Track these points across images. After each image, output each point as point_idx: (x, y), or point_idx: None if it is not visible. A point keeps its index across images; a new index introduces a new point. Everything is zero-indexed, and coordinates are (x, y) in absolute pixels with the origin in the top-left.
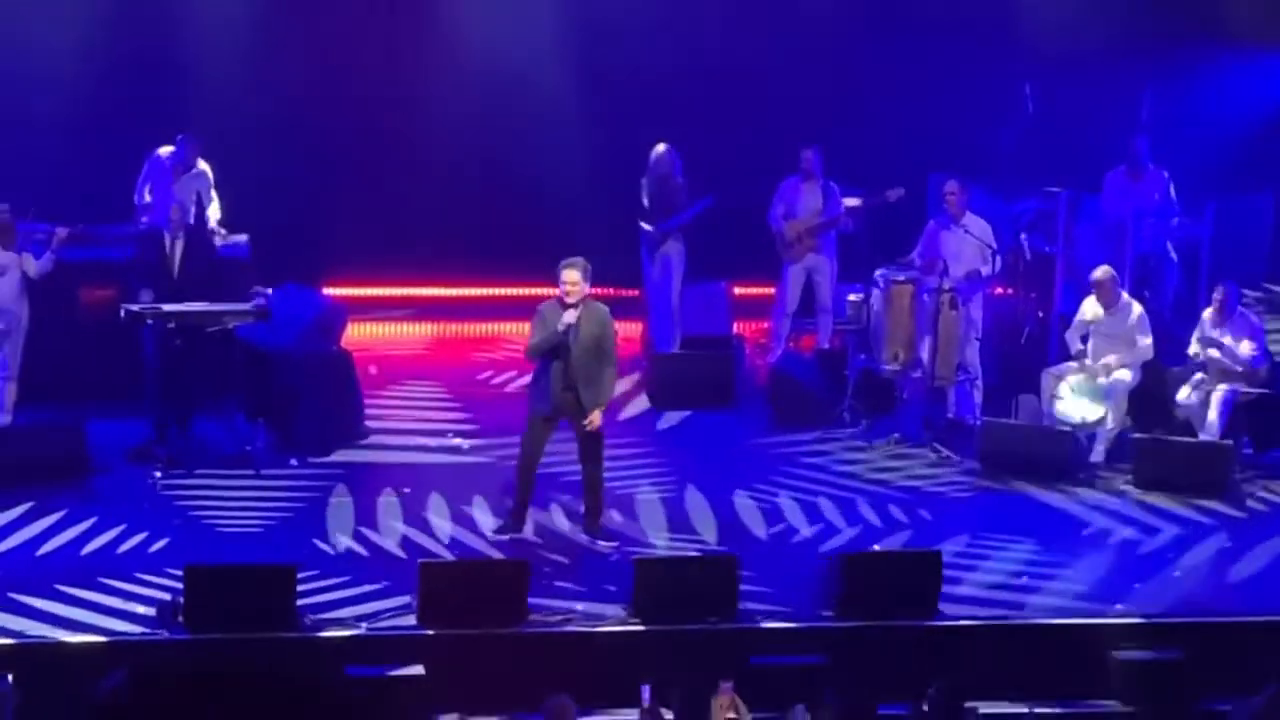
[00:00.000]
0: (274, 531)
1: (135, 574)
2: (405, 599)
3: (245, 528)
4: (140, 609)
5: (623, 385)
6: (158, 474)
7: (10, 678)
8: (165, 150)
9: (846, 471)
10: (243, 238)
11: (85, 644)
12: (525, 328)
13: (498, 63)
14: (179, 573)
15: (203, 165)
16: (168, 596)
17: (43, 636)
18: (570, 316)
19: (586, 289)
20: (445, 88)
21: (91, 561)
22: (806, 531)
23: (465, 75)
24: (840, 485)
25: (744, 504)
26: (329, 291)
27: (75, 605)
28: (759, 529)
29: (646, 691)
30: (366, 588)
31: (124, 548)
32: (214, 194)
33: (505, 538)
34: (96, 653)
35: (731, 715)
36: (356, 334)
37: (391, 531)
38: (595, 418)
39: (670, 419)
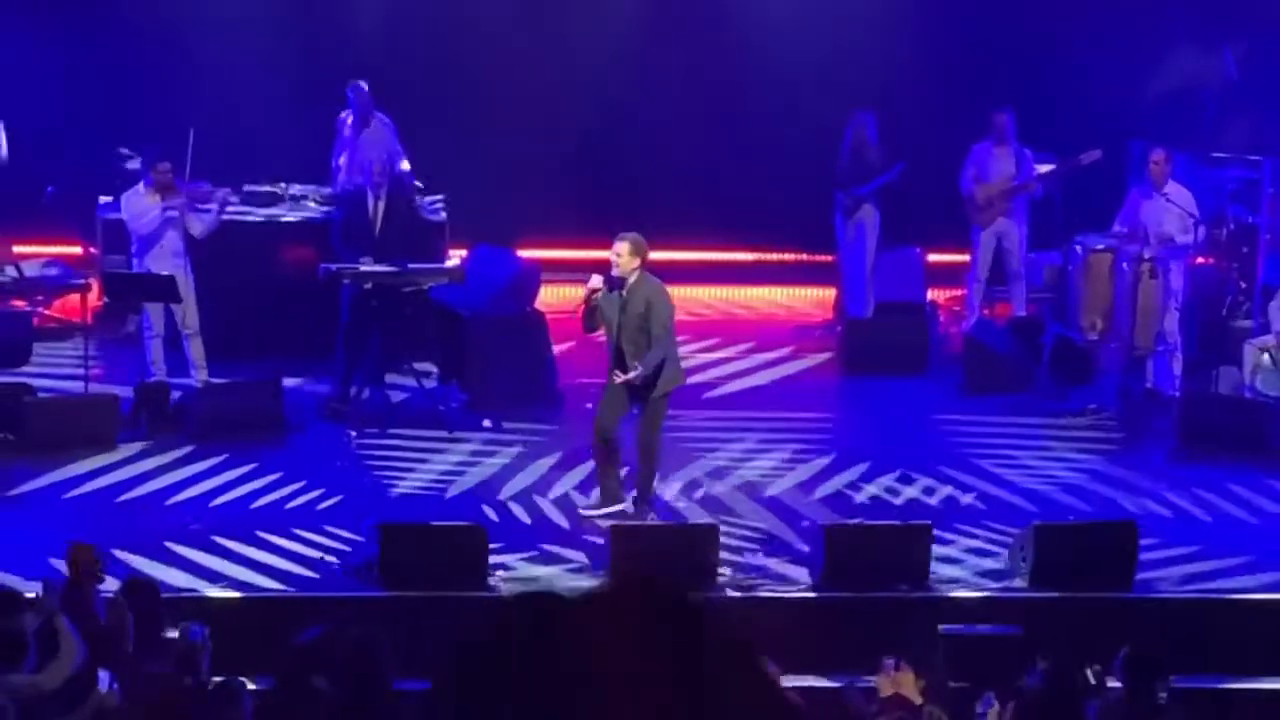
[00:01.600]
0: (465, 492)
1: (292, 529)
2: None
3: (434, 488)
4: (291, 566)
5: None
6: (353, 433)
7: (206, 630)
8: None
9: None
10: (439, 198)
11: (278, 598)
12: (717, 293)
13: (691, 23)
14: (342, 532)
15: (383, 119)
16: (326, 557)
17: (223, 592)
18: (595, 282)
19: (635, 264)
20: (641, 49)
21: (258, 515)
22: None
23: (660, 36)
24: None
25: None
26: (523, 253)
27: (224, 558)
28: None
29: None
30: (555, 549)
31: (294, 503)
32: (397, 148)
33: (602, 513)
34: (289, 606)
35: (896, 693)
36: (550, 296)
37: (581, 496)
38: (630, 376)
39: (860, 385)
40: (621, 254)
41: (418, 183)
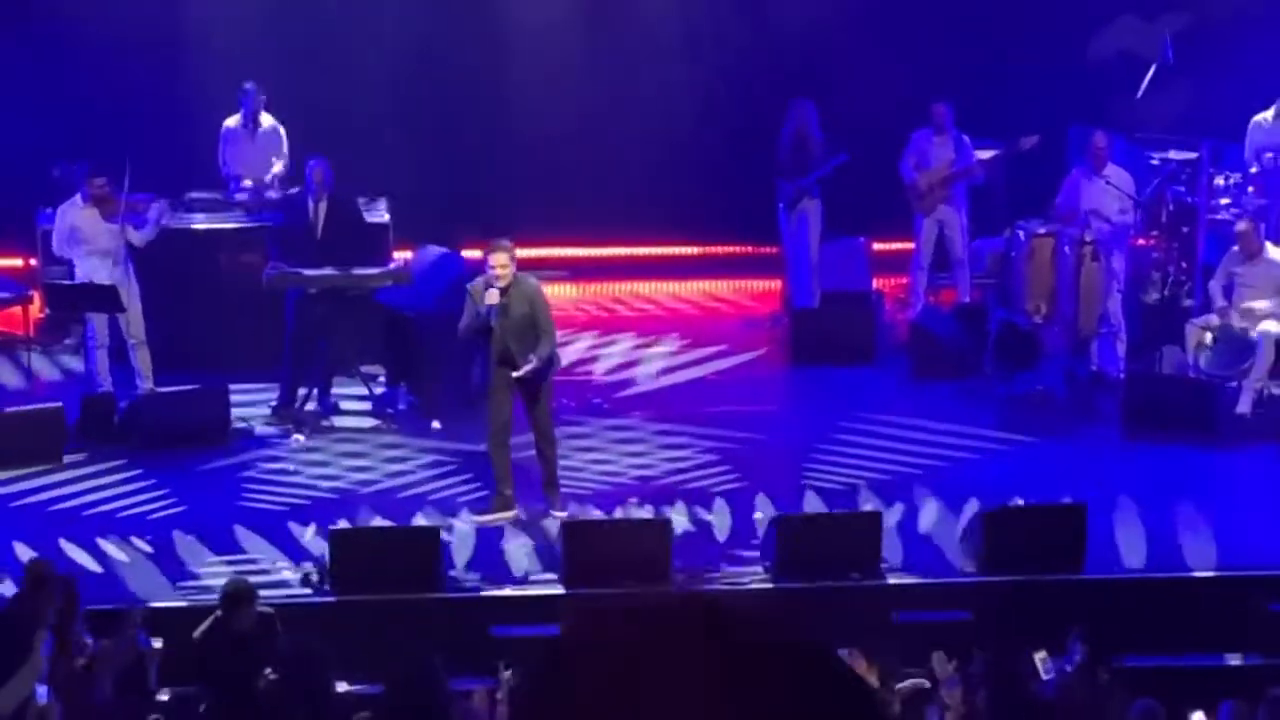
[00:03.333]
0: (419, 493)
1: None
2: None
3: (384, 488)
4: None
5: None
6: (299, 438)
7: (150, 637)
8: (232, 120)
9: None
10: (382, 201)
11: None
12: (663, 287)
13: (629, 14)
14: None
15: (271, 121)
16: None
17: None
18: (493, 297)
19: (513, 267)
20: (579, 45)
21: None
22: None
23: (598, 30)
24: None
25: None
26: (467, 254)
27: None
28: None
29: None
30: (510, 546)
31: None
32: (284, 152)
33: (497, 519)
34: None
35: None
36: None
37: (531, 494)
38: (527, 369)
39: (805, 376)
40: (505, 263)
41: (294, 189)
